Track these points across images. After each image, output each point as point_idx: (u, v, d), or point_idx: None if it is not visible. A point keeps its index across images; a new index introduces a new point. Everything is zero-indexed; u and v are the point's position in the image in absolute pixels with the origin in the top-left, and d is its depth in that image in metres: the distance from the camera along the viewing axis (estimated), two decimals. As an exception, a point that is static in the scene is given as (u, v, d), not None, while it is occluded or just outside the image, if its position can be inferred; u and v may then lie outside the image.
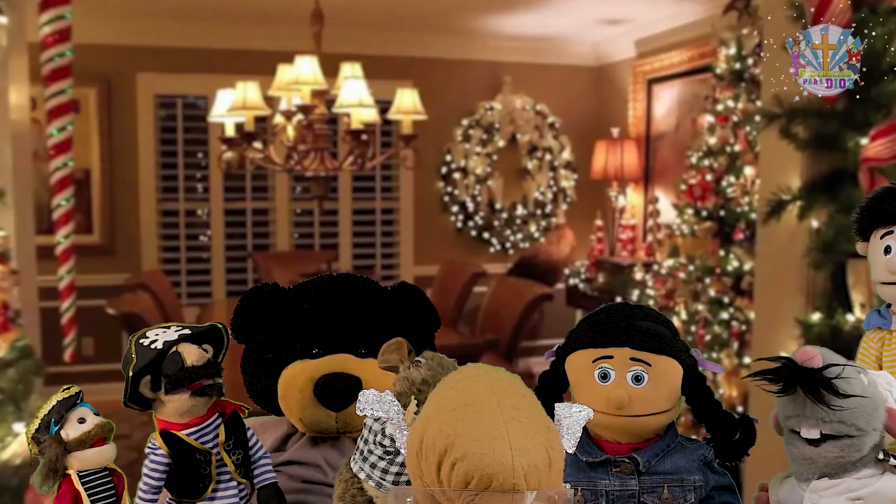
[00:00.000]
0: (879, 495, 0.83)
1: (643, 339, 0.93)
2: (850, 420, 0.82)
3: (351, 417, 1.10)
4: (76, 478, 0.87)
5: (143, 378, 0.92)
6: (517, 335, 4.76)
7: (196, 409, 0.93)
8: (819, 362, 0.83)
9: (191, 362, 0.91)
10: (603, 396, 0.90)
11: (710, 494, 0.95)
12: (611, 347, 0.92)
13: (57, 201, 3.70)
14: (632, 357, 0.91)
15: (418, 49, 6.11)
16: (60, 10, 3.48)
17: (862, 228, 1.00)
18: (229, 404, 0.96)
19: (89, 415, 0.89)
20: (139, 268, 5.69)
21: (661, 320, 0.97)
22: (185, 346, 0.93)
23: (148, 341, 0.93)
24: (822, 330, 2.63)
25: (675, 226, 4.25)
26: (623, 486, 0.92)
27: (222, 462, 0.94)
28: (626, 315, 0.96)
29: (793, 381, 0.83)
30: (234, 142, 3.94)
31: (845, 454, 0.83)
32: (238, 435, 0.96)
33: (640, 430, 0.94)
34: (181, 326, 0.97)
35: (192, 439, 0.93)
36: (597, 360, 0.92)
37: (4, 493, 2.79)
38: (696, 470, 0.94)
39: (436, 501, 0.70)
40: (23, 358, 3.01)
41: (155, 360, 0.92)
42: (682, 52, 5.46)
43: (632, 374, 0.91)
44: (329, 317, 1.15)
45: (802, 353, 0.84)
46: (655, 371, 0.92)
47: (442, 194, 6.38)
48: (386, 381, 1.10)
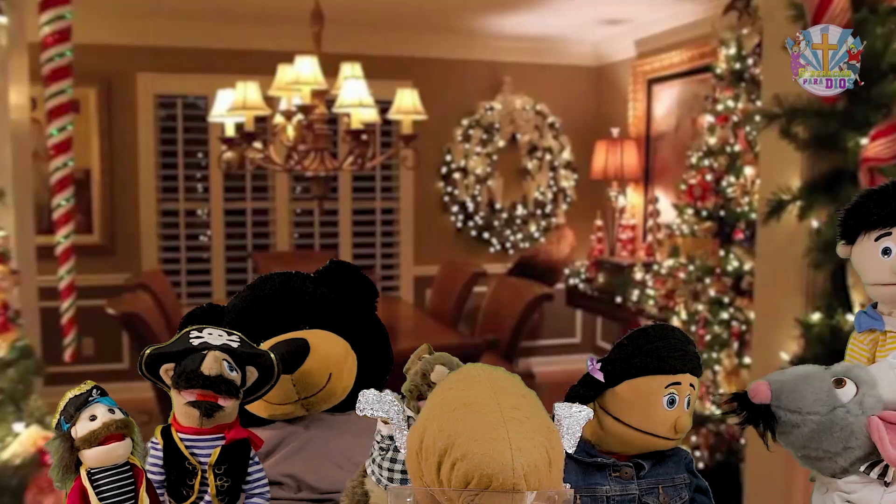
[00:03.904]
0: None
1: (697, 365, 0.97)
2: (813, 445, 0.84)
3: (307, 377, 1.10)
4: (85, 475, 0.87)
5: (167, 363, 0.93)
6: (517, 335, 4.76)
7: (190, 418, 0.92)
8: (766, 400, 0.85)
9: (206, 367, 0.91)
10: (669, 422, 0.93)
11: (693, 496, 0.98)
12: (680, 374, 0.95)
13: (57, 201, 3.69)
14: (691, 383, 0.95)
15: (418, 49, 6.12)
16: (60, 10, 3.48)
17: (849, 231, 0.98)
18: (239, 431, 0.95)
19: (102, 411, 0.88)
20: (139, 268, 5.69)
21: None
22: (215, 353, 0.93)
23: (195, 335, 0.94)
24: (821, 330, 2.63)
25: (675, 226, 4.25)
26: (624, 491, 0.93)
27: (207, 481, 0.93)
28: (686, 340, 0.99)
29: (748, 417, 0.87)
30: (234, 142, 3.94)
31: (823, 470, 0.86)
32: (235, 464, 0.94)
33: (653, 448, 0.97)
34: (239, 339, 0.97)
35: (183, 446, 0.92)
36: (669, 385, 0.94)
37: (4, 493, 2.79)
38: (682, 471, 0.97)
39: (436, 501, 0.70)
40: (23, 358, 3.01)
41: (182, 353, 0.93)
42: (682, 52, 5.46)
43: (687, 399, 0.95)
44: (265, 306, 1.17)
45: (752, 390, 0.87)
46: (695, 395, 0.97)
47: (442, 194, 6.38)
48: (337, 344, 1.13)
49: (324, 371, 1.12)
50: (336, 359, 1.13)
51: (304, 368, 1.09)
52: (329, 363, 1.12)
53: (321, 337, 1.13)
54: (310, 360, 1.10)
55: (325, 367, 1.12)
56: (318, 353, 1.11)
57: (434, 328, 4.74)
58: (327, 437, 1.13)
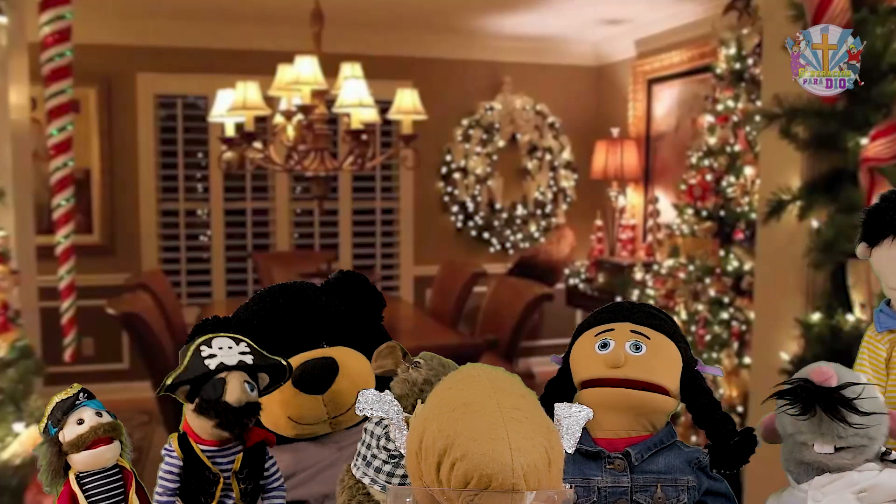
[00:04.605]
0: (880, 488, 0.84)
1: (644, 316, 0.96)
2: (864, 433, 0.84)
3: (338, 397, 1.09)
4: (73, 479, 0.87)
5: (183, 387, 0.90)
6: (517, 335, 4.76)
7: (217, 437, 0.92)
8: (835, 381, 0.84)
9: (234, 399, 0.89)
10: (601, 360, 0.93)
11: (704, 500, 0.94)
12: (610, 323, 0.96)
13: (57, 201, 3.70)
14: (632, 330, 0.94)
15: (418, 49, 6.12)
16: (60, 10, 3.48)
17: (870, 234, 0.98)
18: (257, 434, 0.94)
19: (89, 415, 0.87)
20: (139, 268, 5.69)
21: (662, 313, 1.01)
22: (234, 375, 0.90)
23: (207, 353, 0.91)
24: (822, 330, 2.63)
25: (675, 226, 4.25)
26: (615, 483, 0.91)
27: (230, 486, 0.93)
28: (629, 304, 1.00)
29: (812, 403, 0.84)
30: (234, 142, 3.94)
31: (857, 461, 0.85)
32: (255, 465, 0.94)
33: (639, 406, 0.93)
34: (250, 349, 0.94)
35: (205, 457, 0.91)
36: (598, 333, 0.95)
37: (4, 493, 2.79)
38: (690, 471, 0.93)
39: (435, 501, 0.70)
40: (23, 358, 3.01)
41: (200, 378, 0.90)
42: (682, 52, 5.46)
43: (631, 344, 0.93)
44: (280, 322, 1.15)
45: (819, 372, 0.85)
46: (654, 343, 0.94)
47: (442, 194, 6.39)
48: (362, 361, 1.12)
49: (353, 390, 1.10)
50: (364, 377, 1.12)
51: (335, 388, 1.08)
52: (358, 382, 1.11)
53: (346, 354, 1.12)
54: (340, 378, 1.09)
55: (354, 386, 1.10)
56: (347, 372, 1.10)
57: (434, 328, 4.74)
58: (349, 455, 1.12)
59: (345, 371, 1.10)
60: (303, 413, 1.09)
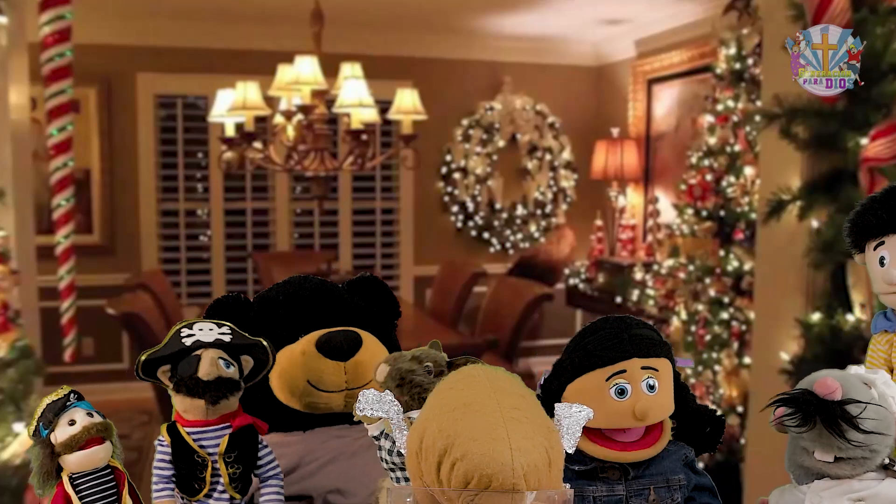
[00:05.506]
0: (879, 497, 0.83)
1: (648, 346, 0.91)
2: (866, 446, 0.82)
3: (360, 367, 1.10)
4: (66, 481, 0.87)
5: (164, 366, 0.94)
6: (517, 335, 4.76)
7: (196, 411, 0.93)
8: (839, 395, 0.81)
9: (203, 372, 0.92)
10: (627, 412, 0.88)
11: (691, 495, 0.95)
12: (620, 362, 0.89)
13: (57, 201, 3.70)
14: (643, 366, 0.89)
15: (418, 49, 6.12)
16: (60, 10, 3.48)
17: (856, 241, 1.00)
18: (246, 418, 0.96)
19: (81, 416, 0.87)
20: (139, 268, 5.69)
21: (649, 325, 0.96)
22: (209, 352, 0.93)
23: (186, 333, 0.95)
24: (822, 330, 2.63)
25: (675, 226, 4.25)
26: (610, 492, 0.91)
27: (219, 472, 0.94)
28: (623, 327, 0.94)
29: (812, 415, 0.82)
30: (234, 142, 3.94)
31: (857, 472, 0.83)
32: (245, 450, 0.95)
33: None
34: (230, 331, 0.97)
35: (191, 439, 0.93)
36: (610, 377, 0.89)
37: (4, 493, 2.79)
38: (679, 469, 0.94)
39: (435, 501, 0.70)
40: (23, 358, 3.01)
41: (176, 355, 0.93)
42: (682, 52, 5.46)
43: (646, 384, 0.89)
44: (306, 303, 1.18)
45: (822, 385, 0.82)
46: (662, 374, 0.91)
47: (442, 194, 6.39)
48: (381, 347, 1.15)
49: (372, 365, 1.13)
50: (383, 356, 1.14)
51: (357, 358, 1.10)
52: (377, 359, 1.13)
53: (368, 335, 1.14)
54: (363, 351, 1.11)
55: (374, 361, 1.13)
56: (368, 347, 1.12)
57: (434, 328, 4.73)
58: (354, 450, 1.13)
59: (367, 346, 1.12)
60: (323, 378, 1.09)
